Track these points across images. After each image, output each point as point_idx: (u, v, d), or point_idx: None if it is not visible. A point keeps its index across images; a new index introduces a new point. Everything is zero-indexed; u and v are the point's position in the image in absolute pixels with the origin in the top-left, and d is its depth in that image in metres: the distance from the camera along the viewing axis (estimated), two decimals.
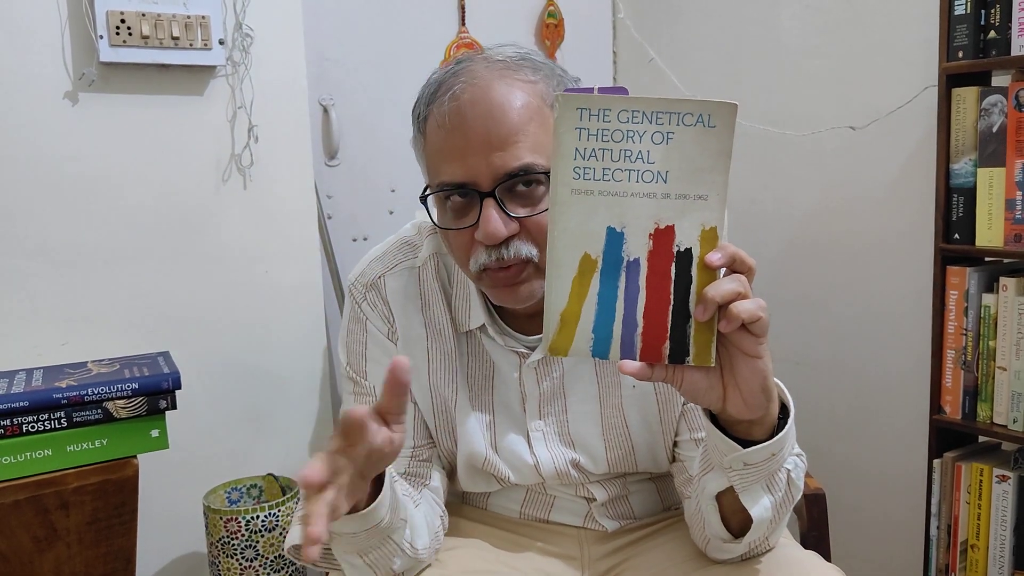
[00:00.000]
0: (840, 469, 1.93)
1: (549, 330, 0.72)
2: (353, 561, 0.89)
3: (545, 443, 1.02)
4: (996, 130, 1.42)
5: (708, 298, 0.70)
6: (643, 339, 0.72)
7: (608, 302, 0.72)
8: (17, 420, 1.26)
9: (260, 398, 1.74)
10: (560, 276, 0.71)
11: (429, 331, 1.02)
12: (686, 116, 0.68)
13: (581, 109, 0.69)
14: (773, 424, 0.81)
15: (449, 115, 0.89)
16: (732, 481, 0.83)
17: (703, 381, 0.75)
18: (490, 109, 0.88)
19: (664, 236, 0.71)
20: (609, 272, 0.71)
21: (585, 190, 0.70)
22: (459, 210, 0.92)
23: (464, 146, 0.88)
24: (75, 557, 1.31)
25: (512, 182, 0.88)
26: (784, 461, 0.84)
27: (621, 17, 2.30)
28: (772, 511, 0.85)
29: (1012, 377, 1.44)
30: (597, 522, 1.07)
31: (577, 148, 0.69)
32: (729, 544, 0.90)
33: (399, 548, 0.90)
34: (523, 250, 0.89)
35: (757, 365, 0.74)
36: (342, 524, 0.82)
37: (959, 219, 1.49)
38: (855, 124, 1.83)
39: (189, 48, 1.58)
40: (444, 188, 0.91)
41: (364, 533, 0.84)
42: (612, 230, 0.71)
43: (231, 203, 1.68)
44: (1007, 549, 1.47)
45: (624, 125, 0.69)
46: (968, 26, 1.44)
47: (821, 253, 1.96)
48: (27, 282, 1.52)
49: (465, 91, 0.89)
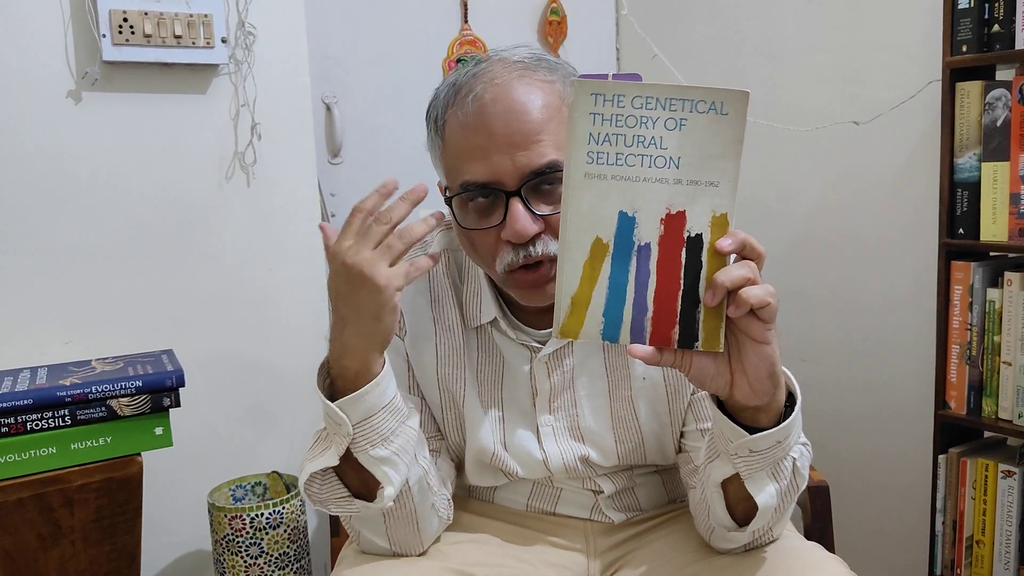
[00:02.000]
0: (845, 464, 1.92)
1: (560, 313, 0.73)
2: (378, 453, 0.87)
3: (555, 438, 1.02)
4: (1000, 124, 1.42)
5: (717, 283, 0.71)
6: (653, 323, 0.73)
7: (619, 286, 0.72)
8: (21, 418, 1.26)
9: (264, 396, 1.74)
10: (572, 260, 0.72)
11: (438, 326, 1.02)
12: (699, 103, 0.69)
13: (596, 95, 0.69)
14: (780, 411, 0.81)
15: (472, 115, 0.90)
16: (737, 468, 0.83)
17: (711, 366, 0.75)
18: (512, 108, 0.88)
19: (675, 221, 0.71)
20: (620, 256, 0.72)
21: (598, 174, 0.71)
22: (483, 210, 0.92)
23: (488, 145, 0.89)
24: (79, 555, 1.31)
25: (537, 180, 0.89)
26: (790, 449, 0.84)
27: (624, 13, 2.30)
28: (777, 499, 0.85)
29: (1017, 372, 1.43)
30: (604, 514, 1.07)
31: (591, 133, 0.70)
32: (734, 533, 0.90)
33: (416, 441, 0.91)
34: (550, 247, 0.90)
35: (765, 351, 0.74)
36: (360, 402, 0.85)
37: (963, 214, 1.48)
38: (859, 119, 1.83)
39: (192, 46, 1.58)
40: (468, 188, 0.91)
41: (382, 412, 0.86)
42: (624, 215, 0.71)
43: (234, 201, 1.69)
44: (1012, 545, 1.46)
45: (638, 111, 0.70)
46: (972, 20, 1.44)
47: (825, 248, 1.95)
48: (31, 280, 1.52)
49: (487, 91, 0.90)
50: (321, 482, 0.90)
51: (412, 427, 0.90)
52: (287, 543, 1.59)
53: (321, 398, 0.86)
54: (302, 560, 1.64)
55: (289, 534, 1.59)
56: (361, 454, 0.87)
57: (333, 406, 0.85)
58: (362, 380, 0.84)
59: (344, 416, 0.84)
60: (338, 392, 0.86)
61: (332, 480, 0.90)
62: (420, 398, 1.03)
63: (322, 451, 0.88)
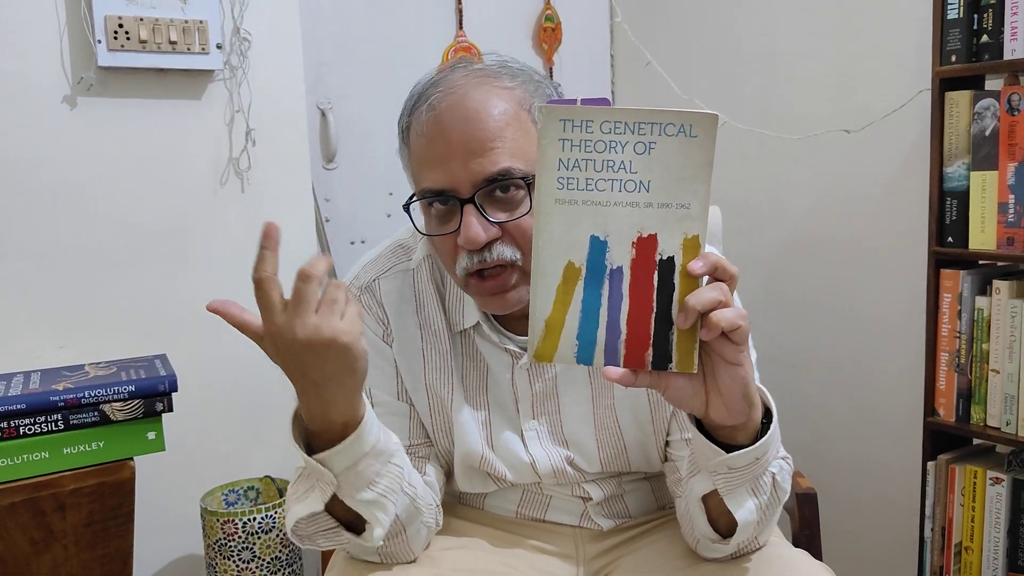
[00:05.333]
0: (834, 470, 1.93)
1: (534, 337, 0.73)
2: (365, 497, 0.85)
3: (539, 442, 1.03)
4: (989, 134, 1.43)
5: (689, 306, 0.71)
6: (627, 346, 0.73)
7: (592, 309, 0.73)
8: (14, 422, 1.26)
9: (257, 401, 1.74)
10: (545, 284, 0.73)
11: (424, 332, 1.03)
12: (668, 126, 0.69)
13: (564, 120, 0.70)
14: (756, 429, 0.82)
15: (428, 124, 0.91)
16: (717, 485, 0.84)
17: (687, 387, 0.76)
18: (467, 116, 0.89)
19: (647, 245, 0.72)
20: (593, 280, 0.72)
21: (569, 200, 0.71)
22: (442, 216, 0.93)
23: (444, 153, 0.90)
24: (72, 559, 1.31)
25: (491, 187, 0.90)
26: (769, 465, 0.85)
27: (618, 21, 2.31)
28: (757, 513, 0.86)
29: (1005, 379, 1.44)
30: (593, 521, 1.07)
31: (560, 159, 0.70)
32: (718, 544, 0.91)
33: (402, 476, 0.88)
34: (506, 253, 0.91)
35: (738, 372, 0.75)
36: (343, 454, 0.81)
37: (952, 222, 1.49)
38: (850, 127, 1.84)
39: (187, 52, 1.59)
40: (426, 195, 0.93)
41: (365, 458, 0.83)
42: (596, 239, 0.72)
43: (229, 207, 1.69)
44: (1001, 551, 1.47)
45: (606, 136, 0.70)
46: (961, 30, 1.45)
47: (816, 256, 1.96)
48: (25, 285, 1.52)
49: (443, 100, 0.91)
50: (308, 520, 0.87)
51: (398, 464, 0.88)
52: (279, 547, 1.60)
53: (299, 452, 0.83)
54: (294, 565, 1.64)
55: (281, 538, 1.60)
56: (347, 499, 0.85)
57: (313, 461, 0.82)
58: (350, 428, 0.82)
59: (326, 470, 0.82)
60: (317, 441, 0.83)
61: (319, 515, 0.87)
62: (409, 404, 1.03)
63: (306, 491, 0.86)
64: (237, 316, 0.78)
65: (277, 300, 0.75)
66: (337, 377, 0.78)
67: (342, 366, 0.77)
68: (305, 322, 0.75)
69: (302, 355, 0.76)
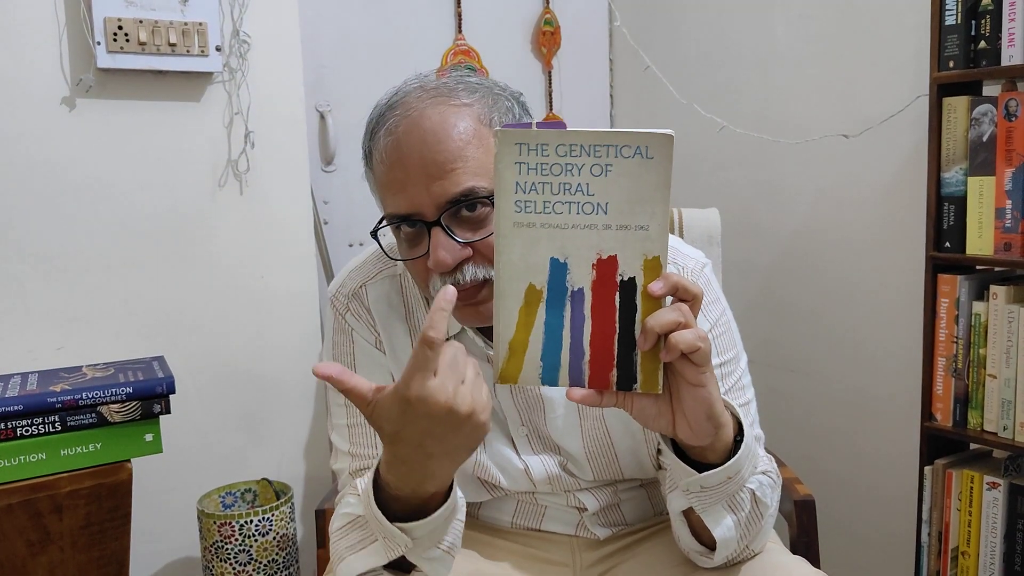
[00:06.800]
0: (831, 475, 1.93)
1: (499, 358, 0.73)
2: (432, 555, 0.84)
3: (531, 449, 1.03)
4: (986, 139, 1.43)
5: (648, 328, 0.71)
6: (591, 367, 0.73)
7: (555, 331, 0.73)
8: (11, 424, 1.26)
9: (254, 403, 1.74)
10: (507, 307, 0.73)
11: (414, 338, 1.03)
12: (624, 148, 0.69)
13: (519, 144, 0.70)
14: (727, 448, 0.82)
15: (387, 150, 0.91)
16: (691, 503, 0.84)
17: (652, 407, 0.76)
18: (424, 138, 0.88)
19: (607, 266, 0.72)
20: (555, 302, 0.73)
21: (527, 223, 0.71)
22: (411, 239, 0.92)
23: (404, 178, 0.89)
24: (68, 561, 1.31)
25: (456, 208, 0.88)
26: (745, 482, 0.85)
27: (617, 25, 2.31)
28: (737, 530, 0.86)
29: (1002, 385, 1.44)
30: (589, 530, 1.07)
31: (517, 182, 0.71)
32: (704, 557, 0.91)
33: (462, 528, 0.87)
34: (479, 273, 0.90)
35: (700, 393, 0.75)
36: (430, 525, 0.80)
37: (950, 227, 1.50)
38: (848, 132, 1.84)
39: (186, 55, 1.59)
40: (392, 221, 0.92)
41: (444, 522, 0.82)
42: (556, 261, 0.72)
43: (227, 209, 1.69)
44: (997, 556, 1.47)
45: (563, 159, 0.70)
46: (959, 36, 1.45)
47: (814, 260, 1.97)
48: (23, 286, 1.52)
49: (400, 123, 0.90)
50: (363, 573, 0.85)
51: (460, 520, 0.86)
52: (276, 550, 1.60)
53: (379, 518, 0.80)
54: (290, 568, 1.64)
55: (278, 541, 1.60)
56: (413, 557, 0.83)
57: (393, 528, 0.79)
58: (438, 497, 0.80)
59: (403, 534, 0.80)
60: (396, 505, 0.80)
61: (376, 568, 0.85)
62: None
63: (361, 541, 0.84)
64: (347, 382, 0.75)
65: (433, 365, 0.71)
66: (454, 452, 0.76)
67: (470, 441, 0.75)
68: (456, 391, 0.72)
69: (433, 425, 0.72)
